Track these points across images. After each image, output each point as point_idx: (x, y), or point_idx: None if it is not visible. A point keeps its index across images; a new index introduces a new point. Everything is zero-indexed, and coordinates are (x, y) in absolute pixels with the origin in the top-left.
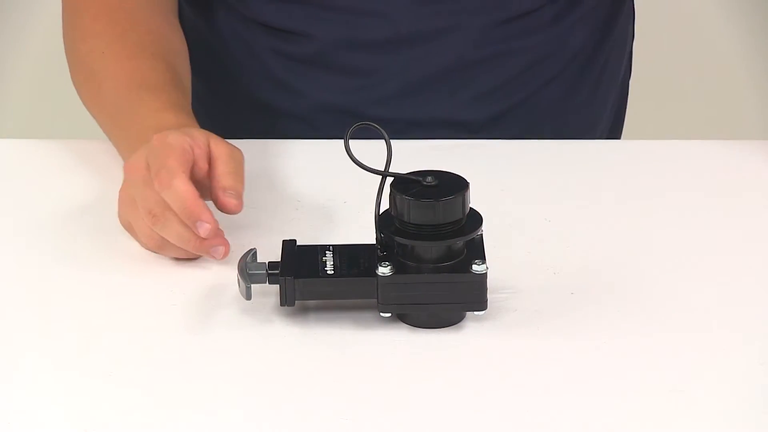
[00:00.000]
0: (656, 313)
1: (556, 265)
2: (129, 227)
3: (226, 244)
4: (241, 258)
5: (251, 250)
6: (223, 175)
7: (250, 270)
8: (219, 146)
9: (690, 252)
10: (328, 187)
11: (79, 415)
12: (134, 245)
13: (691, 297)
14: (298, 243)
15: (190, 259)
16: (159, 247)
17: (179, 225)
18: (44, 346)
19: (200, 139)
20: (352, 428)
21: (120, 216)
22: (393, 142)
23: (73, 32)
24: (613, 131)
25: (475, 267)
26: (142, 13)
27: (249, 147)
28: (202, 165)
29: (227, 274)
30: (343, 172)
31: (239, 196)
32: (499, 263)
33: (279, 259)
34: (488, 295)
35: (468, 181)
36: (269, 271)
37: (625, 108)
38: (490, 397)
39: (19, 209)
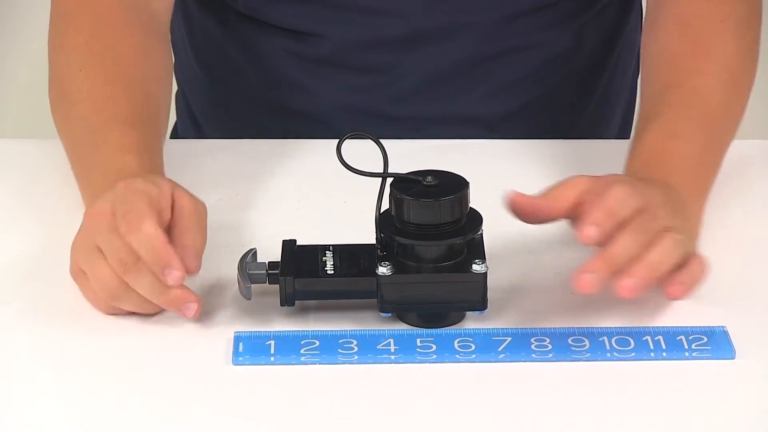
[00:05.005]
0: (656, 312)
1: (556, 265)
2: (80, 275)
3: (199, 301)
4: (241, 258)
5: (251, 250)
6: (185, 231)
7: (250, 270)
8: (183, 198)
9: None
10: (328, 187)
11: (79, 415)
12: None
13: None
14: (298, 243)
15: (148, 315)
16: (113, 297)
17: (152, 275)
18: (44, 346)
19: (165, 189)
20: (352, 428)
21: (74, 262)
22: (392, 141)
23: (55, 38)
24: (624, 127)
25: (475, 267)
26: (129, 28)
27: (249, 147)
28: (166, 216)
29: (227, 274)
30: (343, 171)
31: (199, 255)
32: (499, 263)
33: (279, 259)
34: (488, 295)
35: (468, 181)
36: (269, 271)
37: (635, 104)
38: (490, 397)
39: (19, 209)
